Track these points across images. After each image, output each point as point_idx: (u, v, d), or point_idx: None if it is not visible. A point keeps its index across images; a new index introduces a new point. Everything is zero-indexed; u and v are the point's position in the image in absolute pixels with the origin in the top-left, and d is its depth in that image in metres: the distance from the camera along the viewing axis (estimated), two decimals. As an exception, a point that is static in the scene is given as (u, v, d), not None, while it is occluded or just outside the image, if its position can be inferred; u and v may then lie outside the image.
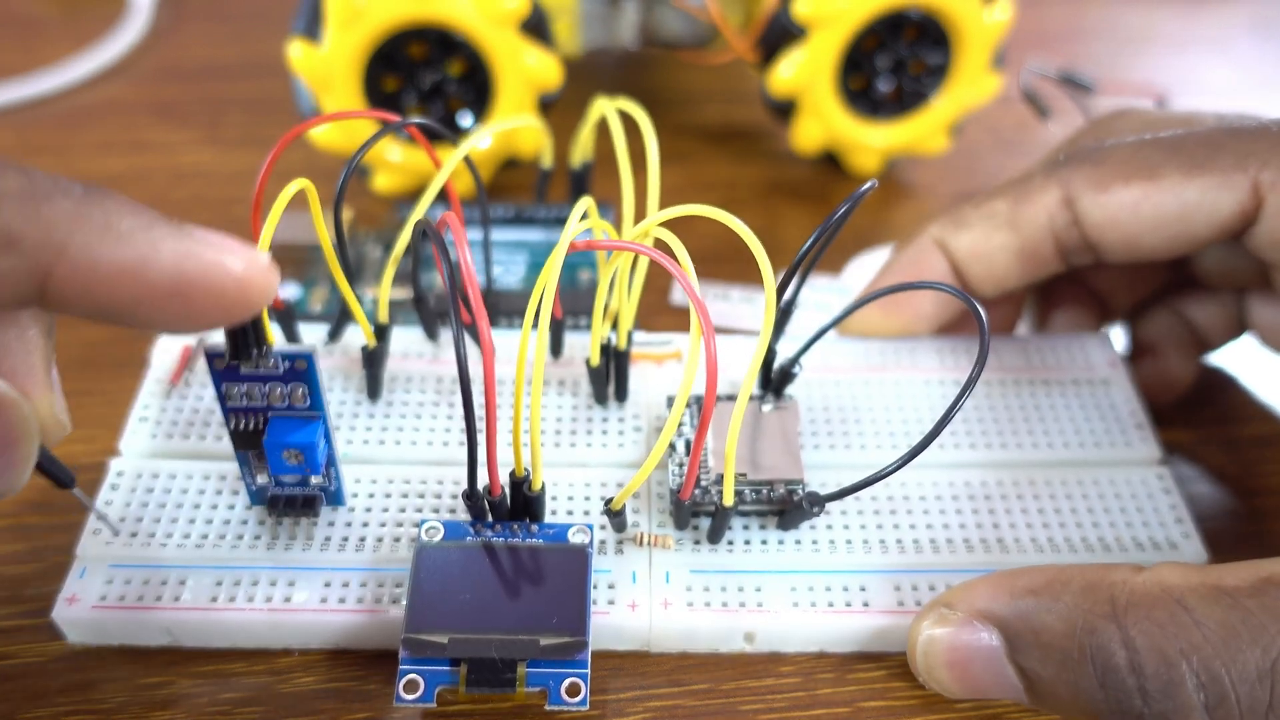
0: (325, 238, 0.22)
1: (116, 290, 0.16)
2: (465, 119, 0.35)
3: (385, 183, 0.35)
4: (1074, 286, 0.29)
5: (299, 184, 0.20)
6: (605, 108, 0.26)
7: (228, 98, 0.42)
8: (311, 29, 0.32)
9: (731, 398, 0.24)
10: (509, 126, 0.34)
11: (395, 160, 0.35)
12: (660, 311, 0.32)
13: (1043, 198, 0.25)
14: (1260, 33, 0.51)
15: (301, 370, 0.21)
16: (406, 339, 0.27)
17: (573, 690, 0.20)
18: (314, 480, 0.22)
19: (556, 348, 0.27)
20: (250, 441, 0.22)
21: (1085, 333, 0.29)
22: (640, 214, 0.24)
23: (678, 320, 0.32)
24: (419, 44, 0.33)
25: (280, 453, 0.21)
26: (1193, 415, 0.29)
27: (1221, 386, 0.30)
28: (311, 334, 0.27)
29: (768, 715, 0.22)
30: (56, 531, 0.24)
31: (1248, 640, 0.17)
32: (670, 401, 0.25)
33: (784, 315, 0.24)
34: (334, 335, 0.27)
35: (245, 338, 0.20)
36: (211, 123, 0.41)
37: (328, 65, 0.32)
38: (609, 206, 0.33)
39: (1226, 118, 0.25)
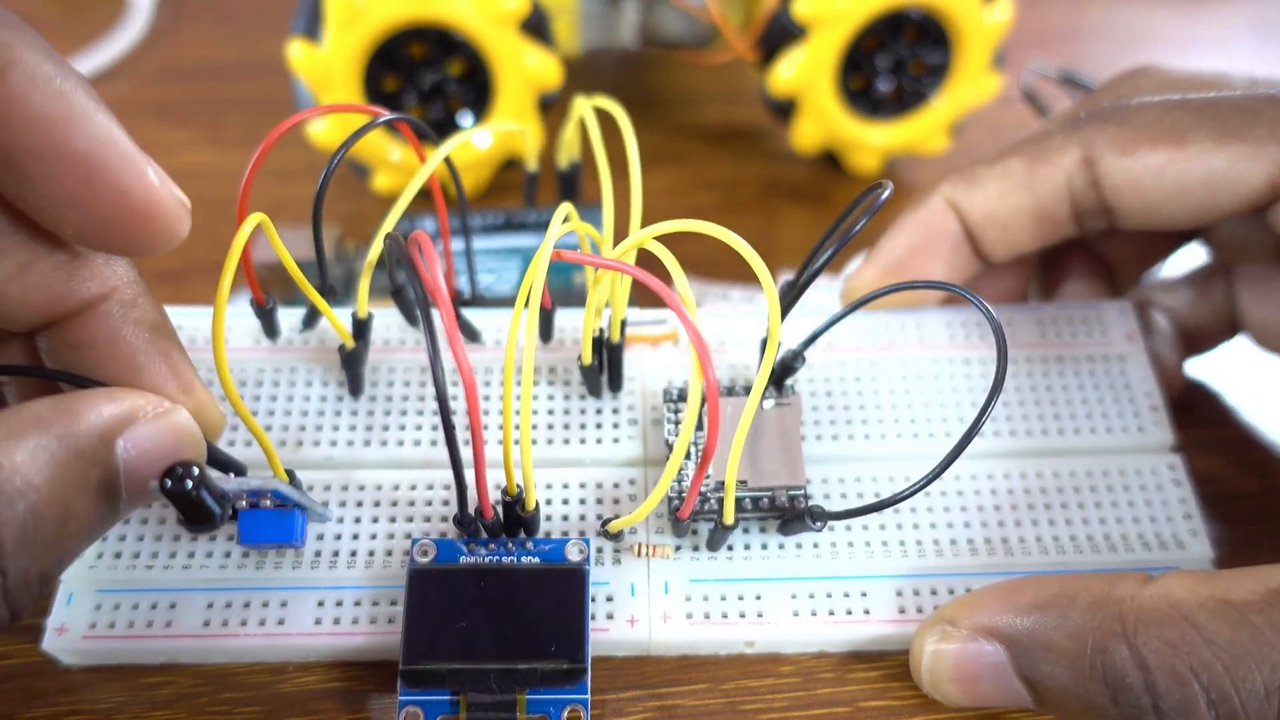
0: (288, 260, 0.22)
1: (27, 137, 0.16)
2: (465, 119, 0.35)
3: (385, 182, 0.35)
4: (1082, 254, 0.28)
5: (255, 219, 0.20)
6: (583, 108, 0.26)
7: (228, 98, 0.42)
8: (311, 29, 0.32)
9: (729, 393, 0.24)
10: (496, 130, 0.34)
11: (395, 160, 0.35)
12: (658, 309, 0.32)
13: (1062, 158, 0.24)
14: (1260, 33, 0.51)
15: (271, 491, 0.20)
16: (386, 327, 0.26)
17: (573, 717, 0.20)
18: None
19: (546, 333, 0.26)
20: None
21: (1103, 301, 0.27)
22: (621, 218, 0.23)
23: (678, 320, 0.32)
24: (419, 44, 0.33)
25: (258, 545, 0.21)
26: (1195, 415, 0.29)
27: (1224, 385, 0.30)
28: (288, 319, 0.26)
29: (768, 715, 0.22)
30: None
31: (1256, 658, 0.17)
32: (667, 392, 0.24)
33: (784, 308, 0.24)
34: (309, 323, 0.26)
35: (202, 510, 0.18)
36: (211, 123, 0.41)
37: (328, 65, 0.32)
38: (597, 207, 0.33)
39: (1259, 81, 0.24)
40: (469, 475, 0.20)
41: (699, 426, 0.24)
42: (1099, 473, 0.24)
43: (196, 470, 0.17)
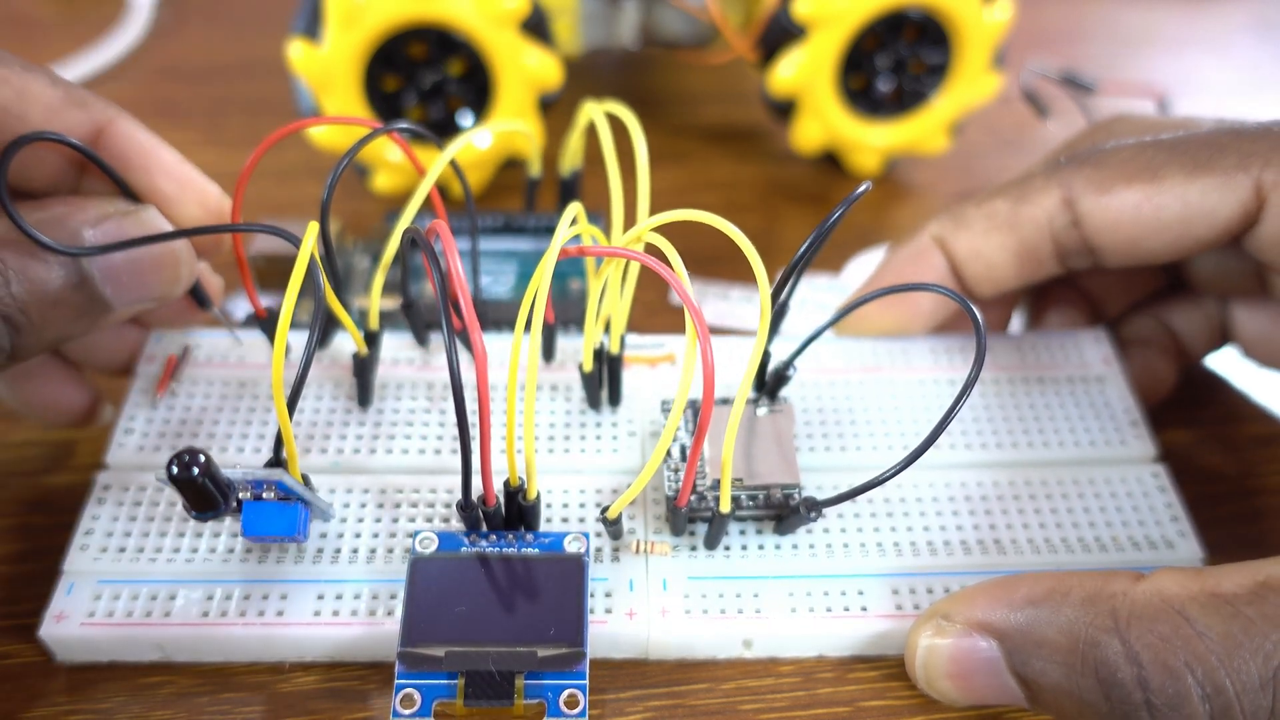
0: (328, 288, 0.22)
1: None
2: (465, 119, 0.35)
3: (385, 182, 0.35)
4: (1068, 288, 0.29)
5: (314, 229, 0.20)
6: (593, 112, 0.26)
7: (228, 98, 0.42)
8: (311, 29, 0.32)
9: (726, 401, 0.24)
10: (501, 129, 0.34)
11: (395, 160, 0.35)
12: (659, 311, 0.32)
13: (1043, 199, 0.25)
14: (1260, 33, 0.51)
15: (275, 483, 0.20)
16: (396, 345, 0.27)
17: (571, 702, 0.20)
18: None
19: (548, 352, 0.26)
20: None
21: (1079, 329, 0.28)
22: (630, 218, 0.24)
23: (676, 320, 0.32)
24: (419, 44, 0.33)
25: (261, 538, 0.21)
26: (1191, 415, 0.29)
27: (1219, 386, 0.30)
28: (300, 341, 0.26)
29: (768, 715, 0.22)
30: (58, 532, 0.24)
31: (1249, 650, 0.17)
32: (664, 406, 0.25)
33: (778, 316, 0.24)
34: (322, 342, 0.26)
35: (206, 497, 0.19)
36: (211, 123, 0.41)
37: (328, 65, 0.32)
38: (599, 215, 0.33)
39: (1226, 121, 0.25)
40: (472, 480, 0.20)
41: (691, 431, 0.24)
42: (1086, 481, 0.25)
43: (203, 458, 0.18)
